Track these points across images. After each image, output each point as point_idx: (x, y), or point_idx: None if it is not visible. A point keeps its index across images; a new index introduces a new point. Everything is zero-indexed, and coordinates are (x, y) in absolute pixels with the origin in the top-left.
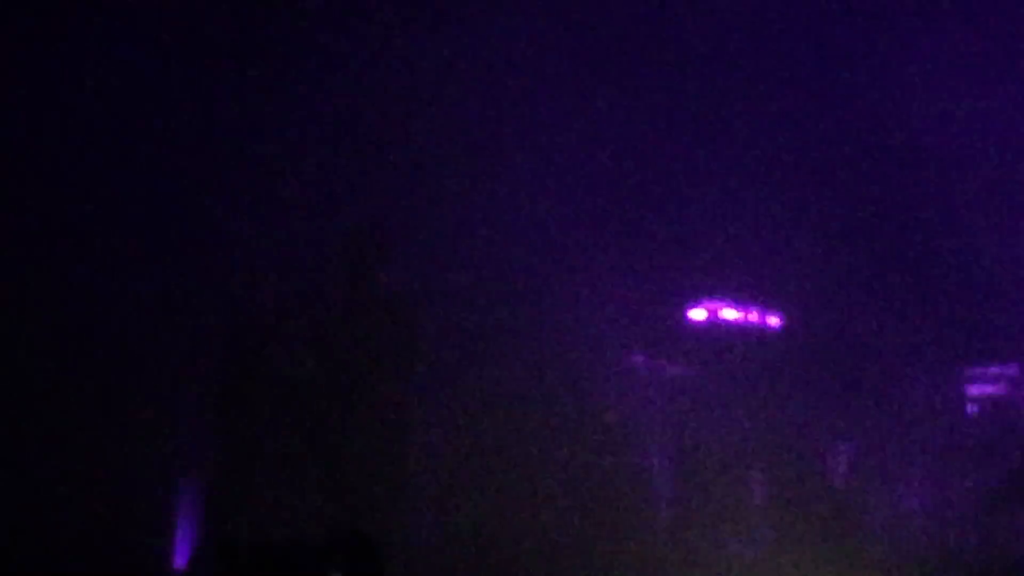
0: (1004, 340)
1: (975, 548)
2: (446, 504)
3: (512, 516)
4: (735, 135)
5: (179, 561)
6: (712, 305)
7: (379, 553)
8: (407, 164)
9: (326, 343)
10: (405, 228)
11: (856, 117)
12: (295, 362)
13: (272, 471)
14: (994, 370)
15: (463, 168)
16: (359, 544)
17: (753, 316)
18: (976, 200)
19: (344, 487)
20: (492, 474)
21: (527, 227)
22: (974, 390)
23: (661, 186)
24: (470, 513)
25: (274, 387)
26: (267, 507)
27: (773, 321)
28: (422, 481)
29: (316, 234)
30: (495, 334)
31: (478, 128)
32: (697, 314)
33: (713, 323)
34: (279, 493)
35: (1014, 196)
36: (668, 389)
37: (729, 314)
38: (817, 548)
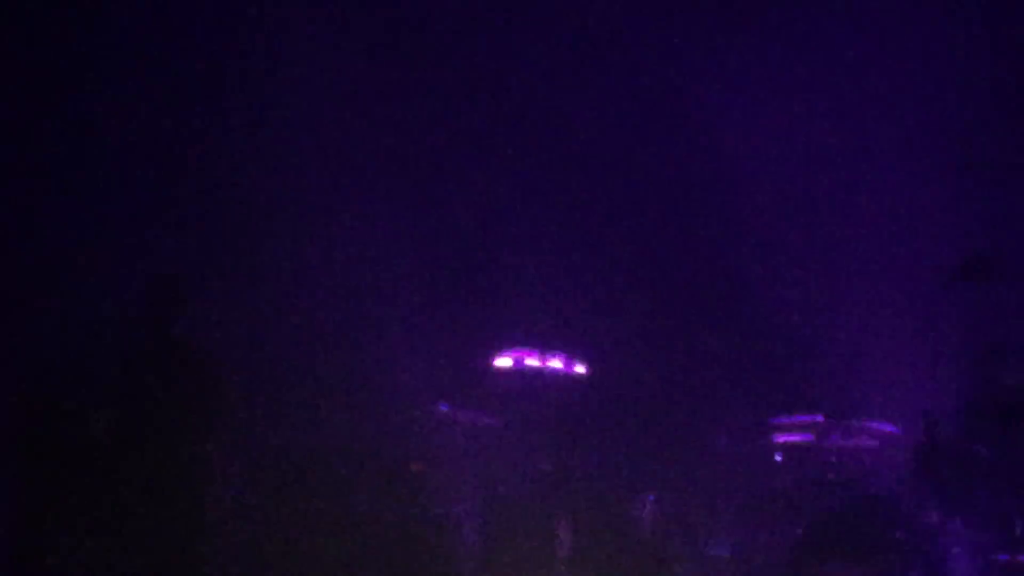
0: (810, 390)
1: None
2: (250, 555)
3: (318, 567)
4: (537, 192)
5: None
6: (518, 354)
7: None
8: (210, 213)
9: (125, 395)
10: (206, 278)
11: (660, 173)
12: (93, 415)
13: (71, 523)
14: (801, 419)
15: (268, 217)
16: None
17: (559, 364)
18: (784, 254)
19: (143, 539)
20: (297, 524)
21: (336, 278)
22: (780, 439)
23: (469, 241)
24: (275, 564)
25: (72, 438)
26: (67, 560)
27: (579, 370)
28: (224, 532)
29: (114, 285)
30: (300, 383)
31: (284, 175)
32: (503, 363)
33: (519, 371)
34: (79, 546)
35: (820, 249)
36: (474, 438)
37: (535, 363)
38: None
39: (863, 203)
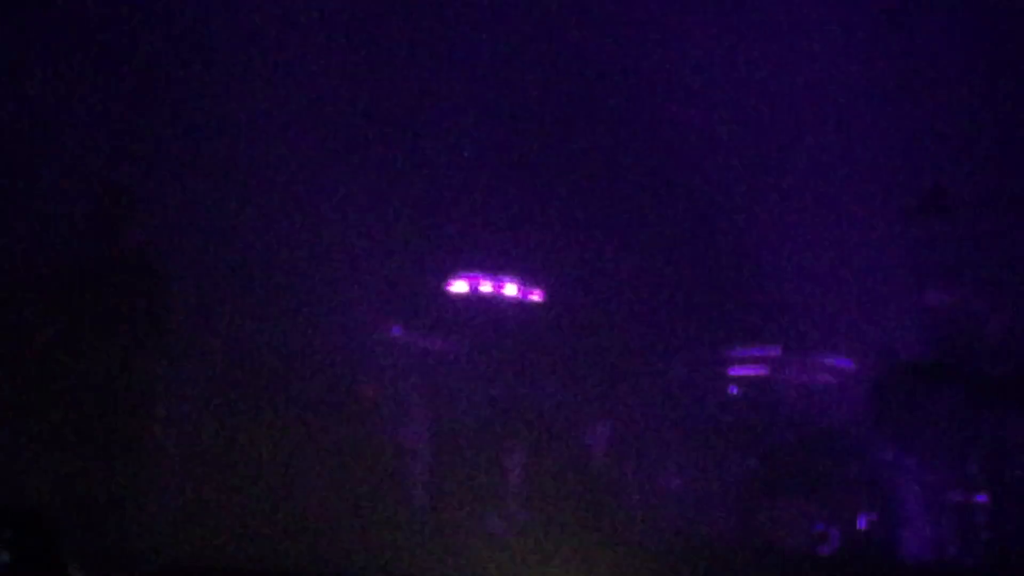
0: (767, 321)
1: (734, 533)
2: (193, 475)
3: (263, 490)
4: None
5: None
6: (472, 278)
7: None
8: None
9: (72, 305)
10: (156, 188)
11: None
12: (41, 324)
13: (14, 438)
14: (756, 352)
15: (225, 127)
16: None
17: (513, 290)
18: (746, 182)
19: (90, 455)
20: (243, 446)
21: (289, 194)
22: (736, 371)
23: (425, 158)
24: (218, 485)
25: (21, 348)
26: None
27: (534, 296)
28: (167, 450)
29: (64, 194)
30: (251, 303)
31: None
32: (458, 287)
33: (473, 296)
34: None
35: (784, 180)
36: (427, 363)
37: (489, 287)
38: (574, 527)
39: (828, 136)
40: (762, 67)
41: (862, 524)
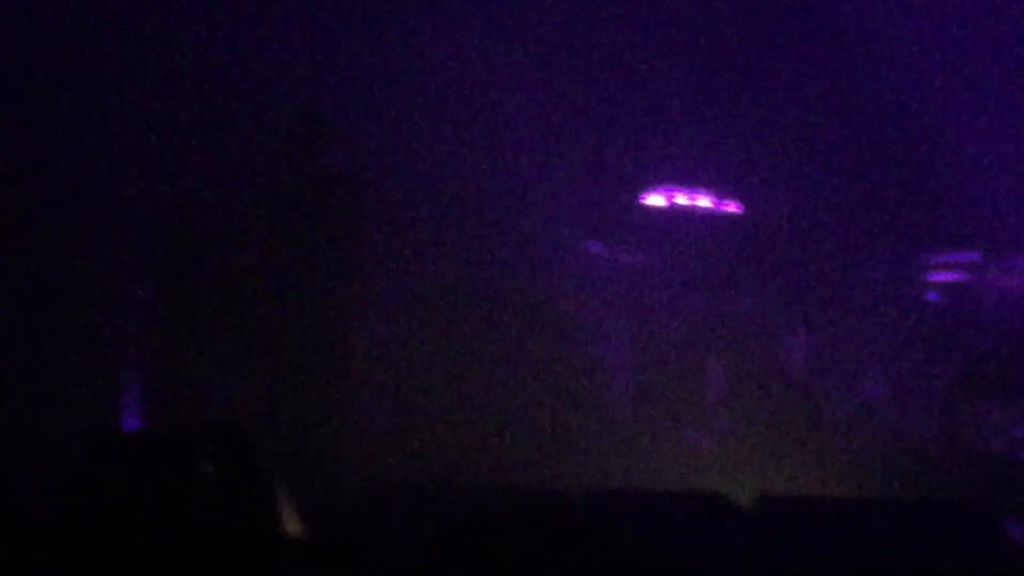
0: (966, 226)
1: (939, 440)
2: (393, 394)
3: (466, 407)
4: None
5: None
6: (668, 191)
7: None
8: (347, 46)
9: (269, 228)
10: (346, 109)
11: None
12: (238, 247)
13: (216, 357)
14: (955, 257)
15: (410, 48)
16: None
17: (709, 202)
18: (935, 82)
19: (288, 374)
20: (444, 364)
21: (477, 109)
22: (935, 277)
23: (617, 74)
24: (421, 403)
25: (218, 272)
26: (210, 393)
27: (729, 207)
28: (368, 369)
29: (255, 118)
30: (446, 220)
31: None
32: (653, 200)
33: (669, 209)
34: (222, 379)
35: (979, 82)
36: (625, 277)
37: (684, 200)
38: (776, 439)
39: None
40: None
41: None
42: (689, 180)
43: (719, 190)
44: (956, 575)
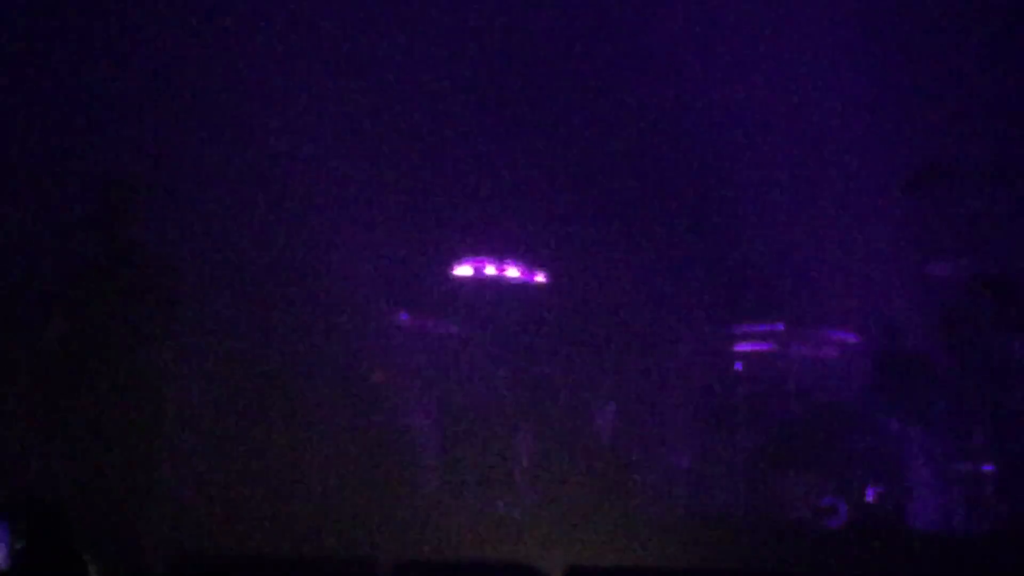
0: (771, 298)
1: (744, 507)
2: (205, 466)
3: (275, 477)
4: (496, 103)
5: None
6: (477, 262)
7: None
8: (164, 115)
9: (78, 303)
10: (160, 183)
11: (619, 83)
12: (46, 322)
13: (24, 433)
14: (761, 328)
15: (225, 120)
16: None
17: (517, 273)
18: (744, 161)
19: (97, 450)
20: (255, 436)
21: (294, 182)
22: (742, 347)
23: (426, 150)
24: (230, 475)
25: (26, 347)
26: (19, 470)
27: (538, 278)
28: (180, 442)
29: (67, 192)
30: (257, 290)
31: (241, 75)
32: (462, 271)
33: (478, 280)
34: (31, 455)
35: (781, 157)
36: (434, 347)
37: (493, 270)
38: (585, 508)
39: (824, 112)
40: (759, 46)
41: (870, 496)
42: (498, 251)
43: (528, 261)
44: None
